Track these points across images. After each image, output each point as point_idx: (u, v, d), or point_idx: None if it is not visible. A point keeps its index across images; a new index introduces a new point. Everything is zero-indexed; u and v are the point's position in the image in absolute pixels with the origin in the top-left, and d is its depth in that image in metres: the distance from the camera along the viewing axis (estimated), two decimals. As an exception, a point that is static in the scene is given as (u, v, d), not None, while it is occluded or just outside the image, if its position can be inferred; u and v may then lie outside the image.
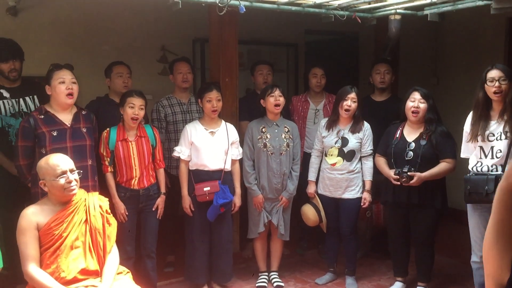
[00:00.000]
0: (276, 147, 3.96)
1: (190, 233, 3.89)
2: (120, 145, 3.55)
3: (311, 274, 4.36)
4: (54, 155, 2.88)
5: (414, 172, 3.63)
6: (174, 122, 4.25)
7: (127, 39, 5.04)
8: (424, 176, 3.62)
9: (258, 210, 4.01)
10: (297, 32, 5.93)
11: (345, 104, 3.92)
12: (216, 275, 4.00)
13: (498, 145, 3.33)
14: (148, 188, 3.63)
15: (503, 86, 3.29)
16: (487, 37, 5.47)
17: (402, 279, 4.04)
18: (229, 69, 4.32)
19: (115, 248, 2.90)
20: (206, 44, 5.25)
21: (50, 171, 2.75)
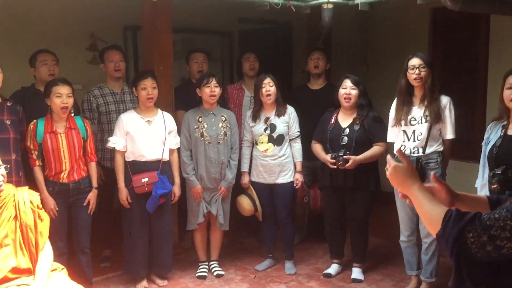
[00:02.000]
0: (213, 136, 3.94)
1: (129, 226, 3.80)
2: (49, 138, 3.39)
3: (250, 261, 4.41)
4: None
5: (349, 155, 3.75)
6: (107, 113, 4.12)
7: (53, 26, 4.79)
8: (359, 159, 3.76)
9: (197, 201, 3.98)
10: (232, 20, 5.90)
11: (265, 91, 3.98)
12: (156, 267, 3.94)
13: (419, 128, 3.55)
14: (79, 181, 3.50)
15: (423, 73, 3.50)
16: (413, 27, 5.72)
17: (338, 261, 4.19)
18: (164, 58, 4.23)
19: (48, 245, 2.78)
20: (138, 32, 5.12)
21: (-25, 166, 2.58)
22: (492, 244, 1.16)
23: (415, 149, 3.57)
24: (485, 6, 3.68)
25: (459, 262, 1.21)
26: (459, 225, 1.21)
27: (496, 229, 1.17)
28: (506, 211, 1.19)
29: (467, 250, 1.19)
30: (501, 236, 1.16)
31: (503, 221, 1.17)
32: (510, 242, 1.15)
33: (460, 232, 1.20)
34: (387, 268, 4.25)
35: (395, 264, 4.24)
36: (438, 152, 3.57)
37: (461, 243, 1.19)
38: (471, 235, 1.18)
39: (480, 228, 1.18)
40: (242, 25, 6.15)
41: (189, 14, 5.04)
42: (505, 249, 1.16)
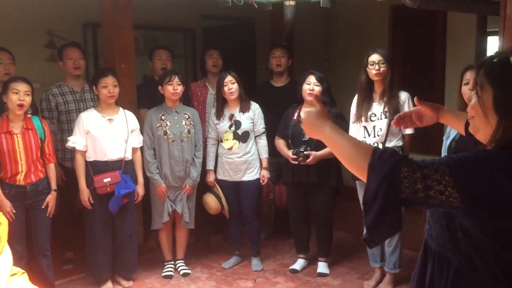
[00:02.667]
0: (177, 134, 3.90)
1: (91, 227, 3.72)
2: (4, 138, 3.27)
3: (217, 259, 4.40)
4: None
5: (310, 151, 3.79)
6: (67, 112, 4.02)
7: (8, 22, 4.63)
8: (320, 155, 3.80)
9: (162, 200, 3.94)
10: (194, 17, 5.86)
11: (227, 89, 3.98)
12: (120, 268, 3.88)
13: (379, 124, 3.62)
14: (37, 183, 3.40)
15: (382, 69, 3.56)
16: (373, 24, 5.82)
17: (304, 256, 4.23)
18: (125, 55, 4.15)
19: (8, 249, 2.68)
20: (98, 28, 5.00)
21: None
22: (423, 182, 1.19)
23: (375, 145, 3.64)
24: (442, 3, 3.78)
25: (385, 196, 1.20)
26: (395, 157, 1.22)
27: (430, 169, 1.19)
28: (440, 158, 1.23)
29: (397, 184, 1.19)
30: (433, 177, 1.18)
31: (437, 165, 1.20)
32: (439, 185, 1.18)
33: (396, 163, 1.20)
34: (352, 261, 4.32)
35: (359, 257, 4.32)
36: (397, 147, 3.64)
37: (394, 175, 1.19)
38: (406, 169, 1.20)
39: (415, 165, 1.20)
40: (205, 22, 6.11)
41: (151, 10, 4.97)
42: (432, 191, 1.18)
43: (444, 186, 1.18)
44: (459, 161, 1.20)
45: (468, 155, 1.23)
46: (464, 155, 1.23)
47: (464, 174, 1.18)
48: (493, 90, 1.24)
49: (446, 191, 1.18)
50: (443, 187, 1.18)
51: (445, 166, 1.19)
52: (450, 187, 1.18)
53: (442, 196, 1.19)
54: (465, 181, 1.18)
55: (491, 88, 1.25)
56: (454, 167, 1.19)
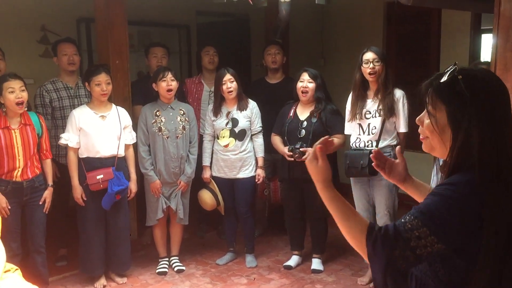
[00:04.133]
0: (171, 131, 3.90)
1: (84, 224, 3.71)
2: (2, 134, 3.26)
3: (211, 256, 4.40)
4: None
5: (306, 148, 3.79)
6: (61, 108, 4.00)
7: (1, 18, 4.59)
8: None
9: (156, 196, 3.93)
10: (189, 13, 5.84)
11: (225, 88, 3.97)
12: (113, 264, 3.87)
13: (373, 122, 3.63)
14: (33, 179, 3.39)
15: (377, 67, 3.56)
16: (368, 21, 5.82)
17: (298, 253, 4.24)
18: (119, 51, 4.14)
19: (1, 245, 2.67)
20: (92, 24, 4.97)
21: None
22: (413, 255, 1.22)
23: (369, 143, 3.65)
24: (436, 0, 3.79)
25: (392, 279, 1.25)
26: (387, 245, 1.24)
27: (414, 240, 1.22)
28: (414, 218, 1.23)
29: (396, 265, 1.24)
30: (419, 246, 1.21)
31: (417, 230, 1.22)
32: (426, 248, 1.21)
33: (390, 252, 1.24)
34: (347, 258, 4.33)
35: (354, 254, 4.32)
36: (391, 145, 3.65)
37: (391, 263, 1.23)
38: (397, 252, 1.23)
39: (402, 243, 1.23)
40: (200, 18, 6.09)
41: (145, 6, 4.95)
42: (424, 256, 1.22)
43: (431, 246, 1.21)
44: (432, 214, 1.22)
45: (437, 201, 1.24)
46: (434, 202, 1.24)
47: (442, 228, 1.21)
48: (446, 107, 1.27)
49: (434, 249, 1.21)
50: (430, 248, 1.21)
51: (424, 228, 1.21)
52: (435, 243, 1.21)
53: (433, 254, 1.22)
54: (445, 233, 1.21)
55: (444, 106, 1.27)
56: (431, 225, 1.21)
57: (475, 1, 3.81)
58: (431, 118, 1.31)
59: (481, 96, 1.25)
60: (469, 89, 1.25)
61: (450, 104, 1.26)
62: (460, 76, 1.26)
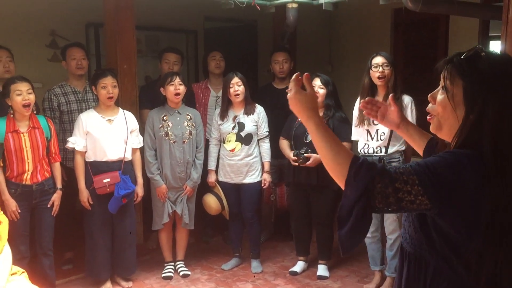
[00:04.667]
0: (178, 136, 3.91)
1: (90, 227, 3.72)
2: (11, 137, 3.28)
3: (217, 261, 4.39)
4: None
5: (311, 153, 3.78)
6: (69, 112, 4.02)
7: (11, 22, 4.64)
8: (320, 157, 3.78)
9: (162, 201, 3.94)
10: (196, 18, 5.87)
11: (232, 91, 3.98)
12: (119, 269, 3.88)
13: (382, 128, 3.62)
14: (42, 183, 3.41)
15: (386, 71, 3.55)
16: (375, 27, 5.82)
17: (304, 258, 4.22)
18: (127, 56, 4.17)
19: (8, 248, 2.69)
20: (100, 29, 5.02)
21: None
22: (394, 196, 1.21)
23: (377, 149, 3.63)
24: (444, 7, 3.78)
25: (360, 212, 1.23)
26: (371, 173, 1.23)
27: (400, 182, 1.21)
28: (410, 167, 1.24)
29: (371, 200, 1.22)
30: (403, 190, 1.21)
31: (407, 175, 1.22)
32: (409, 195, 1.21)
33: (371, 180, 1.22)
34: (352, 264, 4.31)
35: (359, 261, 4.31)
36: (400, 151, 3.64)
37: (368, 192, 1.22)
38: (379, 185, 1.22)
39: (388, 180, 1.22)
40: (207, 23, 6.12)
41: (154, 11, 4.99)
42: (404, 202, 1.21)
43: (415, 196, 1.21)
44: (427, 168, 1.22)
45: (434, 160, 1.24)
46: (431, 161, 1.24)
47: (432, 181, 1.21)
48: (463, 82, 1.27)
49: (416, 200, 1.21)
50: (414, 197, 1.21)
51: (414, 176, 1.21)
52: (420, 195, 1.21)
53: (413, 205, 1.22)
54: (433, 188, 1.21)
55: (462, 81, 1.27)
56: (422, 176, 1.21)
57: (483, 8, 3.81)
58: (447, 93, 1.30)
59: (500, 76, 1.24)
60: (490, 67, 1.25)
61: (468, 79, 1.26)
62: (483, 53, 1.26)
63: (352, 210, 1.23)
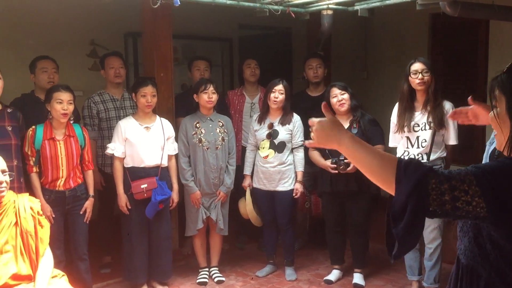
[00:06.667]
0: (211, 142, 3.95)
1: (128, 232, 3.78)
2: (47, 144, 3.37)
3: (251, 267, 4.40)
4: None
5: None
6: (107, 119, 4.12)
7: (54, 33, 4.81)
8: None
9: (196, 207, 3.98)
10: (231, 26, 5.93)
11: (273, 97, 3.99)
12: (155, 273, 3.93)
13: (423, 135, 3.54)
14: (75, 188, 3.48)
15: (426, 78, 3.49)
16: (412, 32, 5.74)
17: (339, 267, 4.17)
18: (164, 64, 4.24)
19: (49, 251, 2.78)
20: (138, 38, 5.13)
21: (-21, 169, 2.59)
22: (450, 194, 1.18)
23: (419, 156, 3.56)
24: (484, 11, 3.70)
25: (414, 209, 1.19)
26: (422, 169, 1.21)
27: (457, 180, 1.19)
28: (466, 169, 1.22)
29: (425, 196, 1.19)
30: (460, 188, 1.18)
31: (463, 175, 1.20)
32: (466, 195, 1.17)
33: (423, 175, 1.20)
34: (389, 273, 4.23)
35: (396, 270, 4.23)
36: (442, 158, 3.58)
37: (422, 188, 1.19)
38: (434, 180, 1.19)
39: (443, 176, 1.20)
40: (242, 31, 6.17)
41: (190, 20, 5.07)
42: (460, 202, 1.18)
43: (471, 196, 1.17)
44: (486, 170, 1.20)
45: (494, 164, 1.24)
46: (490, 164, 1.24)
47: (490, 183, 1.18)
48: (506, 98, 1.28)
49: (473, 201, 1.18)
50: (470, 198, 1.17)
51: (472, 176, 1.19)
52: (477, 197, 1.17)
53: (469, 207, 1.18)
54: (491, 190, 1.17)
55: (504, 97, 1.29)
56: (480, 177, 1.19)
57: (524, 12, 3.70)
58: (494, 110, 1.32)
59: None
60: None
61: (509, 92, 1.28)
62: None
63: (406, 205, 1.20)
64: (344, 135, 1.40)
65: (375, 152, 1.34)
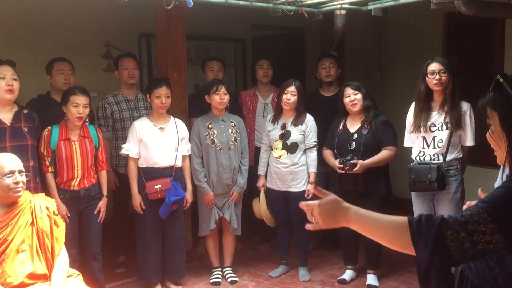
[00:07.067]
0: (224, 143, 3.95)
1: (142, 232, 3.81)
2: (63, 145, 3.42)
3: (264, 268, 4.40)
4: (4, 153, 2.79)
5: (357, 160, 3.73)
6: (121, 120, 4.15)
7: (69, 34, 4.86)
8: (367, 163, 3.74)
9: (209, 207, 3.99)
10: (245, 27, 5.94)
11: (285, 98, 3.99)
12: (169, 273, 3.95)
13: (439, 135, 3.51)
14: (89, 188, 3.52)
15: (443, 78, 3.46)
16: (427, 32, 5.69)
17: (352, 267, 4.16)
18: (177, 65, 4.26)
19: (64, 251, 2.81)
20: (152, 39, 5.16)
21: (-3, 168, 2.63)
22: (469, 240, 1.17)
23: (435, 156, 3.53)
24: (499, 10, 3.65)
25: (439, 266, 1.19)
26: (435, 225, 1.21)
27: (472, 223, 1.18)
28: (476, 206, 1.21)
29: (447, 251, 1.18)
30: (477, 231, 1.18)
31: (476, 215, 1.19)
32: (485, 236, 1.17)
33: (438, 231, 1.19)
34: (403, 275, 4.20)
35: (410, 271, 4.20)
36: (458, 159, 3.55)
37: (441, 243, 1.18)
38: (450, 232, 1.19)
39: (457, 225, 1.19)
40: (255, 31, 6.18)
41: (203, 21, 5.09)
42: (480, 244, 1.17)
43: (490, 235, 1.17)
44: (496, 203, 1.20)
45: (502, 192, 1.22)
46: (498, 194, 1.22)
47: (504, 216, 1.18)
48: (497, 113, 1.33)
49: (493, 239, 1.17)
50: (489, 237, 1.17)
51: (484, 214, 1.18)
52: (495, 233, 1.17)
53: (490, 245, 1.18)
54: (506, 222, 1.17)
55: (496, 112, 1.32)
56: (493, 212, 1.18)
57: (541, 10, 3.65)
58: (490, 128, 1.36)
59: None
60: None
61: (499, 108, 1.31)
62: (501, 79, 1.32)
63: (429, 267, 1.21)
64: (348, 211, 1.40)
65: (384, 220, 1.33)
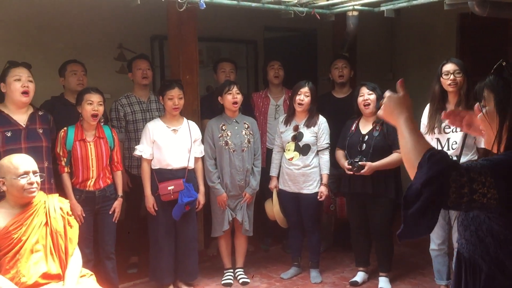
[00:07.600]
0: (237, 144, 3.96)
1: (155, 233, 3.83)
2: (78, 145, 3.45)
3: (276, 269, 4.39)
4: (18, 154, 2.82)
5: (366, 162, 3.71)
6: (134, 121, 4.18)
7: (82, 37, 4.91)
8: (375, 166, 3.72)
9: (222, 209, 4.00)
10: (256, 28, 5.95)
11: (298, 99, 3.99)
12: (181, 274, 3.96)
13: (454, 137, 3.48)
14: (105, 189, 3.55)
15: (458, 79, 3.43)
16: (440, 33, 5.65)
17: (364, 269, 4.13)
18: (190, 67, 4.28)
19: (78, 251, 2.84)
20: (164, 41, 5.20)
21: (12, 169, 2.67)
22: (469, 186, 1.22)
23: None
24: (514, 11, 3.62)
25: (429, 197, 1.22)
26: (446, 161, 1.25)
27: (475, 172, 1.24)
28: (483, 160, 1.28)
29: (446, 188, 1.22)
30: (478, 180, 1.23)
31: (479, 167, 1.25)
32: (483, 187, 1.22)
33: (446, 167, 1.24)
34: (415, 277, 4.17)
35: (423, 274, 4.17)
36: (472, 161, 3.50)
37: (443, 179, 1.22)
38: (455, 173, 1.23)
39: (463, 169, 1.24)
40: (267, 33, 6.18)
41: (215, 23, 5.11)
42: (477, 194, 1.22)
43: (488, 187, 1.23)
44: (497, 161, 1.27)
45: (502, 157, 1.29)
46: (498, 157, 1.30)
47: (503, 174, 1.24)
48: (494, 94, 1.37)
49: (488, 193, 1.23)
50: (487, 189, 1.23)
51: (485, 168, 1.24)
52: (492, 188, 1.22)
53: (484, 199, 1.23)
54: (504, 180, 1.23)
55: (493, 94, 1.38)
56: (493, 168, 1.24)
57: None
58: (483, 109, 1.40)
59: None
60: None
61: (496, 90, 1.36)
62: (504, 63, 1.36)
63: (421, 192, 1.24)
64: (402, 116, 1.44)
65: (415, 136, 1.38)
